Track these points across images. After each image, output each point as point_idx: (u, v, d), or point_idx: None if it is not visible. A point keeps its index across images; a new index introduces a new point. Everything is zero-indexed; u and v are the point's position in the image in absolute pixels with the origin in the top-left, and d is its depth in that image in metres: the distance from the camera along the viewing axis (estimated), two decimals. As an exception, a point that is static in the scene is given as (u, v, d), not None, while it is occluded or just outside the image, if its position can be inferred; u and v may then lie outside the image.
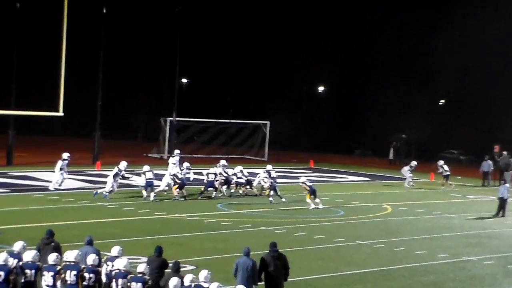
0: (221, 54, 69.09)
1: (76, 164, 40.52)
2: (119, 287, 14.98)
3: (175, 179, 32.75)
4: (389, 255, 23.88)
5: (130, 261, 15.89)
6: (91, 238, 17.00)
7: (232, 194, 34.37)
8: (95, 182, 36.13)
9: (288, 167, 48.90)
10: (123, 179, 34.02)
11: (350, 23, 67.64)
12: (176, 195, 32.61)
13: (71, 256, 15.36)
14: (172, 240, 23.61)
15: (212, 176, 33.81)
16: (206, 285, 14.74)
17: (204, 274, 14.93)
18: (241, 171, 35.09)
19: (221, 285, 15.05)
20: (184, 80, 66.51)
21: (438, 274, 21.68)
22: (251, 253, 16.81)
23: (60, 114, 37.47)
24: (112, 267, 15.58)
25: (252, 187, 35.07)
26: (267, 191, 33.27)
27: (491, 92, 62.54)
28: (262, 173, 34.63)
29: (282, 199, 33.04)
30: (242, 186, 34.92)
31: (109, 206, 30.11)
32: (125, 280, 15.00)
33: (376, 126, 64.80)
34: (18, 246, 15.96)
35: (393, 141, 60.54)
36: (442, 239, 27.03)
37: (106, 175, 33.85)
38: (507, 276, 21.94)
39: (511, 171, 43.56)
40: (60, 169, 33.71)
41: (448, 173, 42.36)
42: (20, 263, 15.25)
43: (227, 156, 46.22)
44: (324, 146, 63.47)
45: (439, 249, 24.94)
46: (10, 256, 15.37)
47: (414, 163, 43.66)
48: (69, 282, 15.03)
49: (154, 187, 32.32)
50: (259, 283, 16.75)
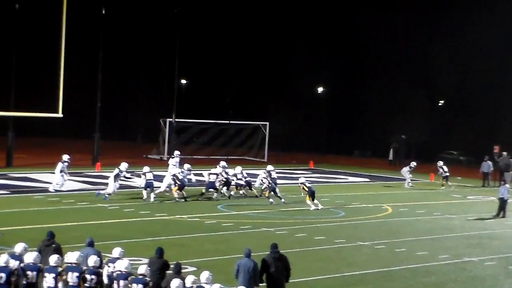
0: (220, 55, 69.03)
1: (76, 166, 40.50)
2: (120, 288, 14.99)
3: (175, 179, 32.69)
4: (390, 256, 23.86)
5: (131, 262, 15.90)
6: (92, 239, 17.01)
7: (231, 195, 34.33)
8: (95, 184, 36.11)
9: (288, 168, 48.85)
10: (125, 180, 34.02)
11: (351, 25, 67.57)
12: (176, 197, 32.57)
13: (72, 257, 15.34)
14: (173, 242, 23.57)
15: (213, 176, 33.75)
16: (207, 286, 14.75)
17: (205, 275, 14.95)
18: (241, 171, 35.06)
19: (222, 286, 15.08)
20: (183, 81, 66.54)
21: (440, 275, 21.67)
22: (252, 254, 16.80)
23: (59, 115, 37.45)
24: (113, 269, 15.59)
25: (251, 189, 35.03)
26: (266, 193, 33.24)
27: (490, 93, 62.53)
28: (263, 173, 34.60)
29: (282, 200, 33.01)
30: (242, 188, 34.89)
31: (109, 207, 30.07)
32: (126, 282, 15.00)
33: (375, 127, 64.76)
34: (19, 247, 15.94)
35: (392, 141, 60.51)
36: (443, 240, 27.01)
37: (106, 177, 33.85)
38: (509, 277, 21.91)
39: (511, 172, 43.55)
40: (61, 171, 33.67)
41: (447, 174, 42.34)
42: (22, 265, 15.24)
43: (226, 157, 46.20)
44: (324, 147, 63.45)
45: (440, 250, 24.92)
46: (12, 258, 15.36)
47: (413, 163, 43.68)
48: (70, 284, 15.01)
49: (154, 188, 32.29)
50: (260, 284, 16.74)
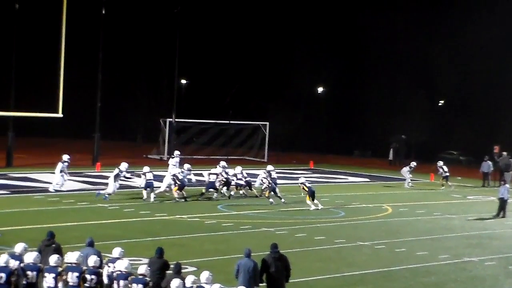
0: (220, 55, 69.04)
1: (76, 166, 40.49)
2: (120, 288, 14.99)
3: (175, 179, 32.68)
4: (390, 256, 23.86)
5: (131, 262, 15.90)
6: (92, 239, 17.00)
7: (231, 195, 34.32)
8: (95, 184, 36.10)
9: (288, 168, 48.85)
10: (125, 180, 34.01)
11: (351, 25, 67.59)
12: (176, 197, 32.56)
13: (72, 257, 15.34)
14: (173, 242, 23.56)
15: (213, 176, 33.74)
16: (207, 286, 14.75)
17: (205, 275, 14.95)
18: (241, 172, 35.06)
19: (222, 286, 15.07)
20: (183, 81, 66.55)
21: (440, 275, 21.66)
22: (252, 254, 16.79)
23: (59, 115, 37.45)
24: (113, 269, 15.59)
25: (251, 189, 35.03)
26: (266, 193, 33.23)
27: (490, 93, 62.53)
28: (263, 173, 34.58)
29: (282, 200, 33.00)
30: (242, 188, 34.89)
31: (109, 207, 30.06)
32: (126, 282, 15.00)
33: (375, 127, 64.78)
34: (19, 247, 15.94)
35: (392, 142, 60.51)
36: (443, 240, 27.01)
37: (106, 176, 33.85)
38: (509, 277, 21.91)
39: (511, 172, 43.54)
40: (61, 171, 33.66)
41: (447, 174, 42.33)
42: (22, 265, 15.24)
43: (226, 157, 46.19)
44: (324, 147, 63.45)
45: (440, 250, 24.91)
46: (11, 258, 15.36)
47: (413, 163, 43.67)
48: (70, 284, 15.01)
49: (154, 188, 32.28)
50: (260, 284, 16.74)
